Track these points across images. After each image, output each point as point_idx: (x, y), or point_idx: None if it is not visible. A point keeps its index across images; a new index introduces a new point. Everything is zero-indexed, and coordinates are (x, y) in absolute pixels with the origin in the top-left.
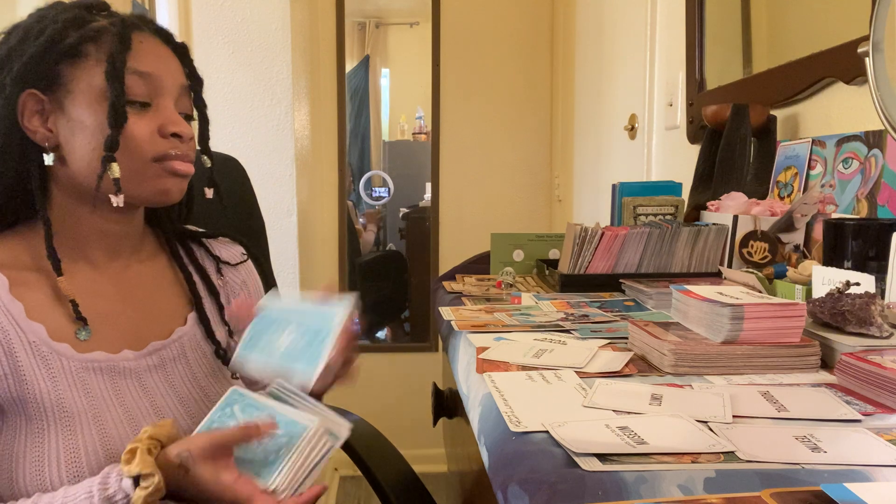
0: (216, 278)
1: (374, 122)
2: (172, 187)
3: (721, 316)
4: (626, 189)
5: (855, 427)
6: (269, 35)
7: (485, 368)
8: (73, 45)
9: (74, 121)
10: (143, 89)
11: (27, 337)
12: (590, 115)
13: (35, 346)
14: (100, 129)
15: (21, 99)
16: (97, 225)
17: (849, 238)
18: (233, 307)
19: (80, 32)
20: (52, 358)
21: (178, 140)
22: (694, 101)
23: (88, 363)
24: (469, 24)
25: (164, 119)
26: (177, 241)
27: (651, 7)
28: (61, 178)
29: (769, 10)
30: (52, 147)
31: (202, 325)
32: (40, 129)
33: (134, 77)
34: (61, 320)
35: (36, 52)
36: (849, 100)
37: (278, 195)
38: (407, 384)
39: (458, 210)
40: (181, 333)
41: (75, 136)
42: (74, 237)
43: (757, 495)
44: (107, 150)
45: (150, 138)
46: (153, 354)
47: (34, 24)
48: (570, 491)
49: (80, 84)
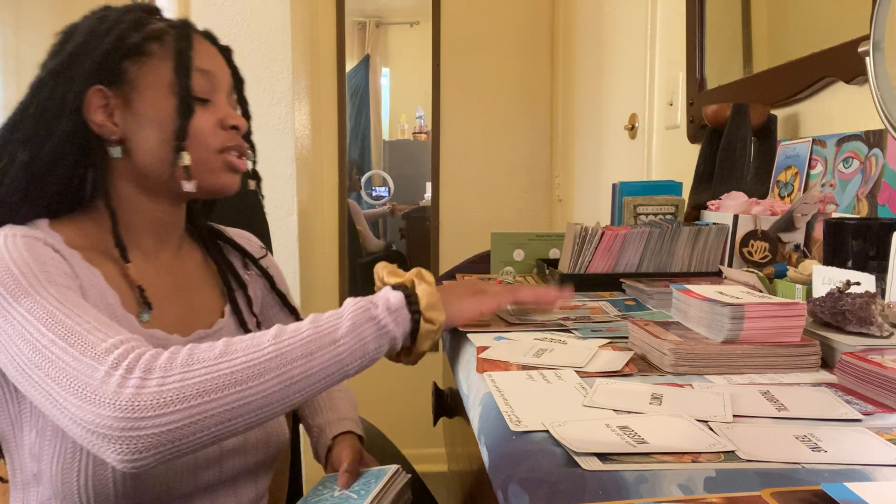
0: (243, 272)
1: (374, 121)
2: (231, 182)
3: (721, 315)
4: (626, 189)
5: (855, 427)
6: (269, 35)
7: (485, 368)
8: (138, 45)
9: (141, 115)
10: (204, 86)
11: (106, 299)
12: (590, 114)
13: (112, 309)
14: (167, 121)
15: (88, 94)
16: (151, 215)
17: (849, 237)
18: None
19: (143, 33)
20: (125, 324)
21: (236, 132)
22: (694, 100)
23: (150, 337)
24: (469, 24)
25: (223, 113)
26: (207, 236)
27: (651, 7)
28: (122, 170)
29: (769, 10)
30: (117, 140)
31: (236, 317)
32: (107, 123)
33: (197, 74)
34: (127, 297)
35: (104, 50)
36: (849, 99)
37: (278, 195)
38: (407, 384)
39: (458, 210)
40: (221, 325)
41: (142, 130)
42: (129, 225)
43: (757, 495)
44: (177, 139)
45: (212, 130)
46: (198, 342)
47: (97, 24)
48: (570, 490)
49: (147, 79)
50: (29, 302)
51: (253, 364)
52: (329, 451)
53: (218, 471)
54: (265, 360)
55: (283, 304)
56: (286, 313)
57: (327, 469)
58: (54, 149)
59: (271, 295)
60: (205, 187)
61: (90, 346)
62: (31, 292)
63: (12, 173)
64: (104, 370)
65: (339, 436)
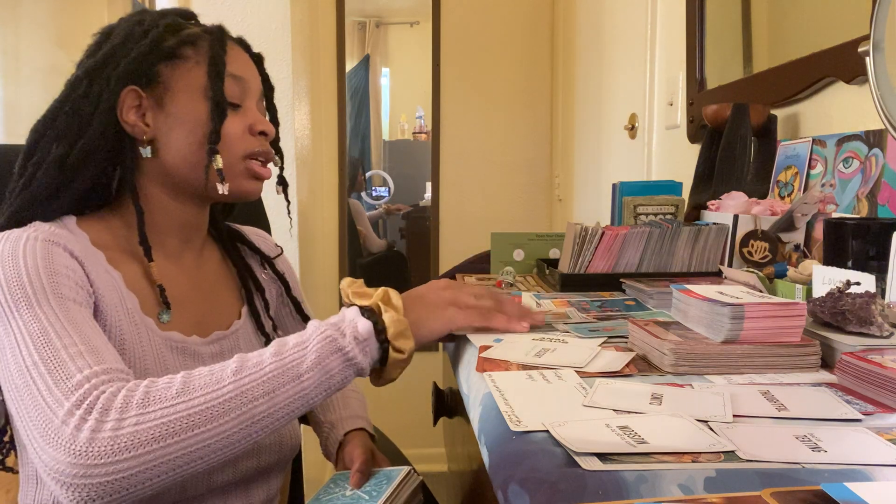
0: (260, 273)
1: (374, 121)
2: (254, 189)
3: (721, 315)
4: (626, 188)
5: (855, 426)
6: (269, 35)
7: (485, 368)
8: (173, 48)
9: (173, 116)
10: (236, 91)
11: (125, 303)
12: (590, 114)
13: (130, 314)
14: (199, 124)
15: (122, 94)
16: (177, 216)
17: (849, 237)
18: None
19: (178, 37)
20: (142, 328)
21: (264, 138)
22: (694, 100)
23: (168, 340)
24: (469, 24)
25: (252, 119)
26: (227, 238)
27: (651, 7)
28: (151, 170)
29: (769, 10)
30: (148, 140)
31: (253, 319)
32: (139, 123)
33: (229, 79)
34: (148, 298)
35: (140, 52)
36: (849, 99)
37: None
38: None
39: (458, 209)
40: (238, 326)
41: (173, 131)
42: (155, 226)
43: (757, 495)
44: (211, 142)
45: (241, 136)
46: (215, 343)
47: (135, 26)
48: (570, 490)
49: (180, 82)
50: (28, 314)
51: (212, 404)
52: (340, 448)
53: (232, 472)
54: (225, 399)
55: (297, 311)
56: (298, 321)
57: (338, 466)
58: (87, 146)
59: (285, 300)
60: (229, 190)
61: (65, 378)
62: (34, 303)
63: (45, 167)
64: (67, 407)
65: (350, 433)
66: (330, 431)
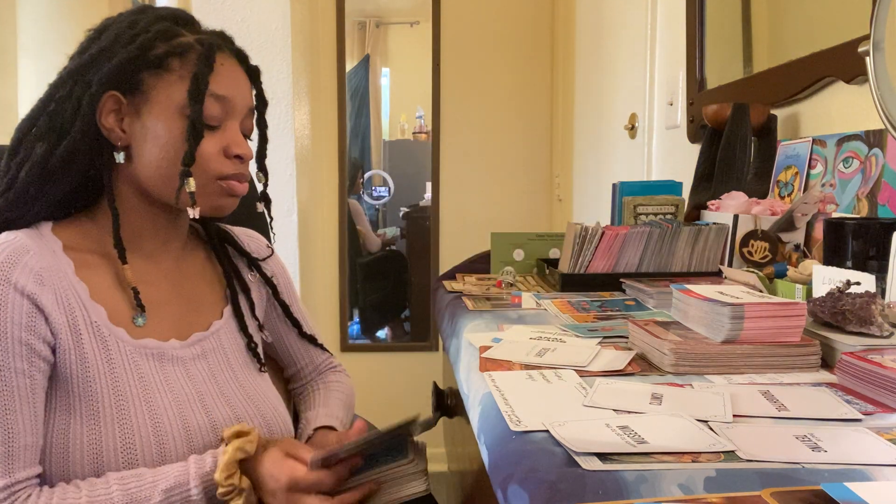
0: (247, 274)
1: (374, 121)
2: (227, 205)
3: (721, 315)
4: (626, 188)
5: (855, 426)
6: (269, 35)
7: (487, 367)
8: (160, 57)
9: (148, 128)
10: (217, 111)
11: (90, 317)
12: (590, 114)
13: (96, 327)
14: (171, 141)
15: (103, 98)
16: (154, 220)
17: (849, 237)
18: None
19: (167, 46)
20: (111, 340)
21: (240, 161)
22: (694, 100)
23: (141, 348)
24: (469, 24)
25: (229, 140)
26: (214, 238)
27: (651, 6)
28: (126, 174)
29: (769, 10)
30: (123, 146)
31: (236, 319)
32: (116, 128)
33: (211, 99)
34: (119, 305)
35: (125, 58)
36: (849, 99)
37: (278, 195)
38: (407, 383)
39: (458, 209)
40: (218, 326)
41: (147, 142)
42: (132, 228)
43: (757, 495)
44: (184, 164)
45: (216, 157)
46: (196, 345)
47: (126, 29)
48: (570, 490)
49: (160, 95)
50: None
51: None
52: (308, 442)
53: None
54: None
55: (286, 316)
56: (288, 326)
57: None
58: (69, 148)
59: (274, 303)
60: (200, 209)
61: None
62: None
63: (28, 168)
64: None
65: (320, 429)
66: (304, 427)
